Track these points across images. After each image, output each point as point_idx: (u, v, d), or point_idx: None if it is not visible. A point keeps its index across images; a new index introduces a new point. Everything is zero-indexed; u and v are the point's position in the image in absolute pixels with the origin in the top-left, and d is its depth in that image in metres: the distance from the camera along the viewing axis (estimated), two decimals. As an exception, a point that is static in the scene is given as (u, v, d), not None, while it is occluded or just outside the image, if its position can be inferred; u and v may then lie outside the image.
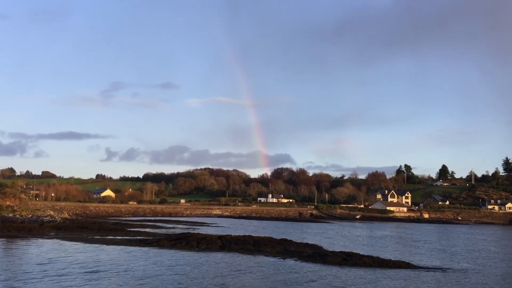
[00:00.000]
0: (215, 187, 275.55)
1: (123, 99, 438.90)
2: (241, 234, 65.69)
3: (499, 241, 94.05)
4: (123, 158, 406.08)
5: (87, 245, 55.59)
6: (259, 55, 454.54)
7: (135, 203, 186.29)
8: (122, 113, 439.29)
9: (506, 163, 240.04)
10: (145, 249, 53.50)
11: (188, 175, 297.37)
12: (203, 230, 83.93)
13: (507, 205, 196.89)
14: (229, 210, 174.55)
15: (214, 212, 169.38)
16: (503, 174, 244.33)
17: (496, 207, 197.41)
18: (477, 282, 39.03)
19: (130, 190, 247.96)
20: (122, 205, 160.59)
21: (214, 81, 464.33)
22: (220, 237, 59.95)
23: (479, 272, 44.99)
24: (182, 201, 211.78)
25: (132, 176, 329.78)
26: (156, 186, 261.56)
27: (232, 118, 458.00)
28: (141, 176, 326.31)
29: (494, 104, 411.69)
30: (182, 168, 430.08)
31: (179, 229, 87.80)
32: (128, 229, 79.88)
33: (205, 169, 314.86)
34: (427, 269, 45.13)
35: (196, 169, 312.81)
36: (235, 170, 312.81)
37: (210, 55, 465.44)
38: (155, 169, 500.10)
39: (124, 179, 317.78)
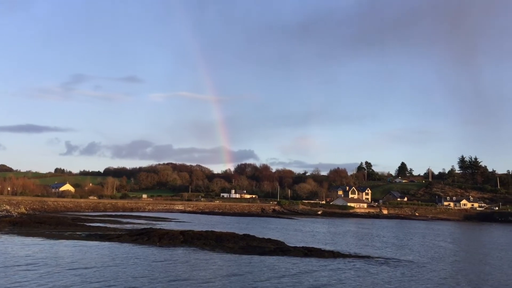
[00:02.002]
0: (178, 182, 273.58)
1: (84, 91, 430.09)
2: (204, 230, 65.66)
3: (451, 236, 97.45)
4: (83, 152, 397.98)
5: (44, 240, 54.29)
6: (225, 51, 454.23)
7: (95, 198, 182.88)
8: (83, 106, 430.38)
9: (462, 161, 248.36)
10: (105, 244, 52.72)
11: (151, 170, 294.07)
12: (165, 226, 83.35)
13: (462, 202, 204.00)
14: (192, 206, 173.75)
15: (177, 208, 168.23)
16: (459, 172, 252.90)
17: (452, 204, 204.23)
18: (426, 276, 40.48)
19: (91, 184, 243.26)
20: (82, 200, 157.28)
21: (178, 76, 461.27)
22: (182, 233, 59.72)
23: (426, 266, 46.61)
24: (144, 196, 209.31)
25: (93, 170, 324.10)
26: (118, 181, 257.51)
27: (196, 113, 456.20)
28: (102, 170, 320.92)
29: (451, 105, 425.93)
30: (144, 163, 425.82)
31: (141, 224, 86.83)
32: (88, 224, 78.45)
33: (168, 164, 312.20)
34: (384, 261, 46.43)
35: (159, 164, 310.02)
36: (198, 166, 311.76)
37: (175, 50, 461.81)
38: (116, 163, 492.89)
39: (84, 174, 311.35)
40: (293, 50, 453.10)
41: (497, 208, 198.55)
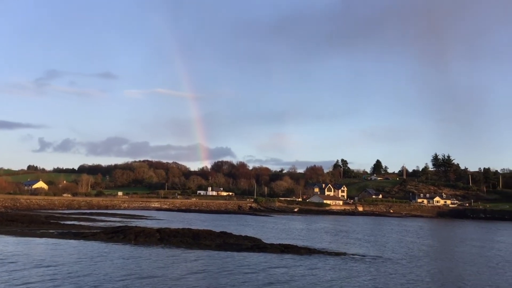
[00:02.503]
0: (154, 179, 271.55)
1: (58, 87, 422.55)
2: (180, 227, 65.32)
3: (425, 233, 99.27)
4: (57, 149, 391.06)
5: (16, 238, 53.19)
6: (201, 48, 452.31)
7: (69, 195, 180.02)
8: (57, 102, 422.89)
9: (435, 159, 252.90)
10: (79, 242, 51.96)
11: (126, 167, 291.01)
12: (142, 223, 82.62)
13: (435, 199, 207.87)
14: (168, 203, 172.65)
15: (153, 205, 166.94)
16: (432, 169, 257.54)
17: (425, 201, 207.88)
18: (400, 272, 41.17)
19: (65, 182, 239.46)
20: (56, 198, 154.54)
21: (154, 73, 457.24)
22: (158, 230, 59.28)
23: (400, 262, 47.41)
24: (120, 193, 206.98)
25: (67, 167, 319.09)
26: (92, 178, 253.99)
27: (173, 110, 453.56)
28: (76, 167, 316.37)
29: (425, 103, 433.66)
30: (120, 160, 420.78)
31: (117, 222, 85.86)
32: (62, 222, 77.14)
33: (144, 161, 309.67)
34: (359, 258, 47.02)
35: (135, 161, 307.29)
36: (174, 163, 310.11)
37: (151, 46, 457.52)
38: (91, 160, 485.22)
39: (58, 171, 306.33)
40: (269, 47, 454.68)
41: (468, 204, 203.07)
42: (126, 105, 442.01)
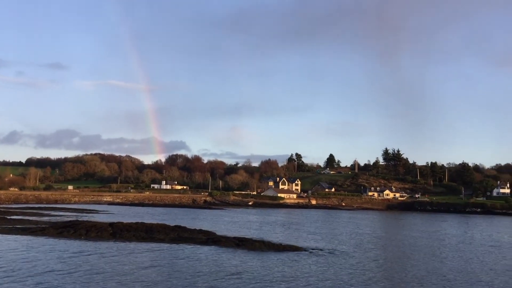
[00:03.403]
0: (106, 173, 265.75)
1: (4, 78, 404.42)
2: (134, 221, 64.56)
3: (375, 225, 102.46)
4: (3, 141, 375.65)
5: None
6: (156, 40, 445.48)
7: (16, 189, 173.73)
8: (3, 92, 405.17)
9: (386, 153, 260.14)
10: (26, 237, 50.44)
11: (77, 160, 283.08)
12: (93, 218, 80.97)
13: (385, 192, 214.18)
14: (121, 197, 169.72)
15: (105, 199, 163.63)
16: (383, 163, 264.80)
17: (376, 194, 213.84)
18: (349, 262, 42.51)
19: (11, 175, 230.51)
20: (2, 192, 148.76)
21: (107, 64, 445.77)
22: (111, 225, 58.40)
23: (351, 254, 48.91)
24: (70, 187, 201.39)
25: (14, 160, 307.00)
26: (41, 172, 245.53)
27: (126, 102, 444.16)
28: (24, 160, 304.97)
29: (377, 100, 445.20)
30: (70, 153, 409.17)
31: (67, 216, 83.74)
32: (8, 217, 74.51)
33: (96, 154, 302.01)
34: (312, 250, 48.12)
35: (86, 155, 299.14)
36: (128, 156, 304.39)
37: (104, 36, 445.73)
38: (40, 153, 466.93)
39: (4, 164, 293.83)
40: (225, 41, 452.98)
41: (418, 196, 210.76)
42: (77, 96, 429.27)
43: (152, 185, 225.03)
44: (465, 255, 51.51)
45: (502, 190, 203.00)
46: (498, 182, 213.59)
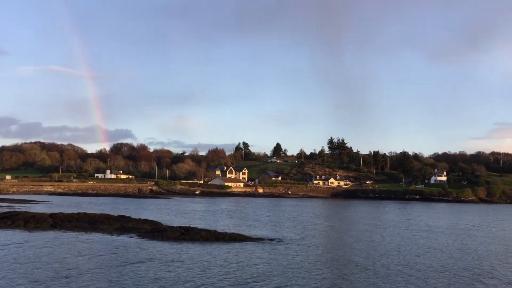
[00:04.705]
0: (47, 162, 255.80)
1: None
2: (76, 212, 62.84)
3: (320, 212, 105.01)
4: None
5: None
6: (100, 27, 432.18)
7: None
8: None
9: (331, 142, 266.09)
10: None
11: (16, 149, 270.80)
12: (33, 208, 77.91)
13: (330, 180, 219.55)
14: (63, 187, 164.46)
15: (46, 189, 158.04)
16: (328, 152, 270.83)
17: (321, 182, 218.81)
18: (295, 250, 43.43)
19: None
20: None
21: (49, 49, 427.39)
22: (51, 215, 56.57)
23: (297, 242, 49.98)
24: (8, 177, 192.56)
25: None
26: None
27: (69, 89, 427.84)
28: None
29: (323, 89, 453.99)
30: (8, 142, 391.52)
31: (4, 207, 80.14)
32: None
33: (35, 143, 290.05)
34: (257, 240, 48.70)
35: (26, 143, 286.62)
36: (70, 145, 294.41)
37: (46, 21, 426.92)
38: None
39: None
40: (170, 29, 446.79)
41: (364, 183, 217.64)
42: (17, 82, 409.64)
43: (96, 175, 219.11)
44: (398, 239, 53.81)
45: (439, 178, 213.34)
46: (436, 170, 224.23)
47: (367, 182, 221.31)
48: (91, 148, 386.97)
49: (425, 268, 36.05)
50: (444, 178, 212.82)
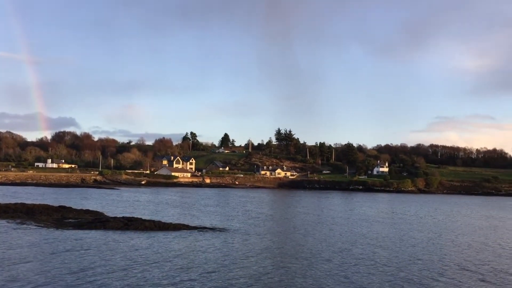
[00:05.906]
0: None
1: None
2: (13, 202, 60.68)
3: (266, 203, 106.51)
4: None
5: None
6: (43, 11, 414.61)
7: None
8: None
9: (278, 133, 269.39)
10: None
11: None
12: (-34, 199, 74.49)
13: (277, 171, 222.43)
14: (0, 176, 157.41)
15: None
16: (275, 143, 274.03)
17: (268, 173, 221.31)
18: (236, 239, 44.18)
19: None
20: None
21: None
22: (-14, 206, 54.36)
23: (242, 231, 50.77)
24: None
25: None
26: None
27: (9, 74, 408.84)
28: None
29: (271, 81, 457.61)
30: None
31: None
32: None
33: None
34: (201, 229, 49.04)
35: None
36: (8, 132, 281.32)
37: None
38: None
39: None
40: (116, 16, 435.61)
41: (309, 174, 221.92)
42: None
43: (36, 164, 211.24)
44: (339, 227, 55.78)
45: (381, 169, 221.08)
46: (378, 161, 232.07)
47: (313, 174, 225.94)
48: (32, 136, 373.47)
49: (358, 255, 37.74)
50: (386, 169, 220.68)
